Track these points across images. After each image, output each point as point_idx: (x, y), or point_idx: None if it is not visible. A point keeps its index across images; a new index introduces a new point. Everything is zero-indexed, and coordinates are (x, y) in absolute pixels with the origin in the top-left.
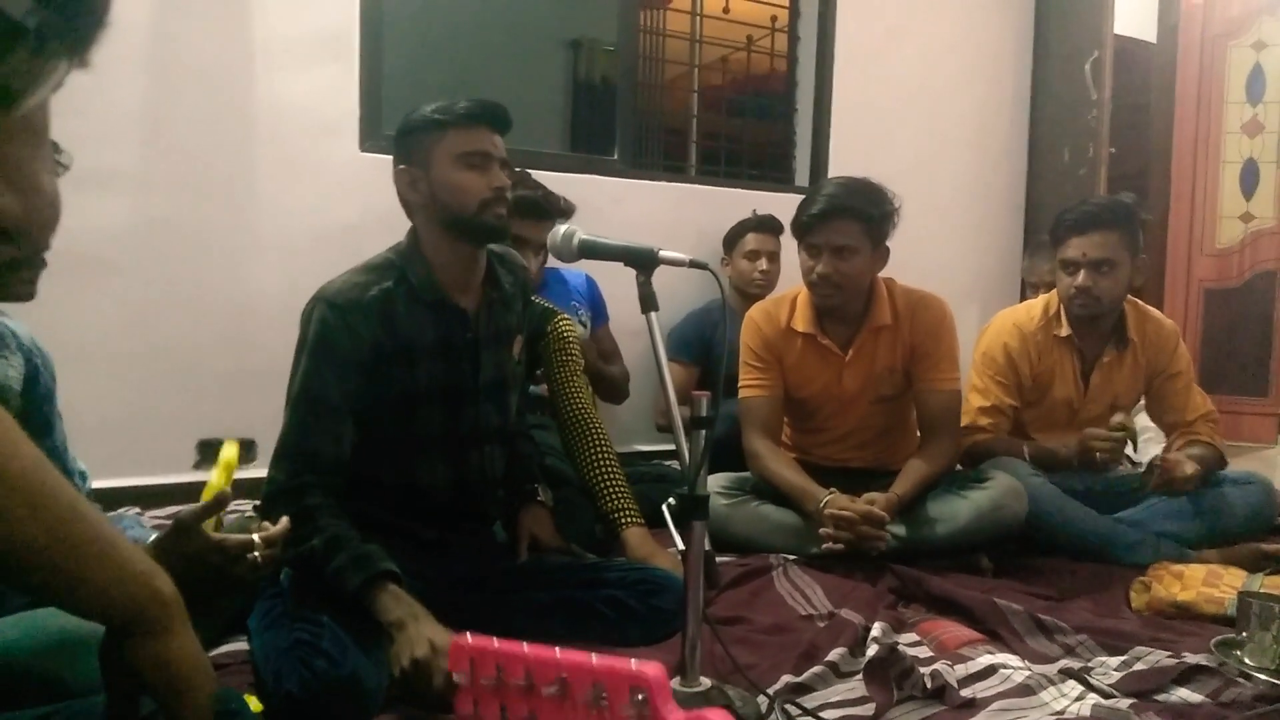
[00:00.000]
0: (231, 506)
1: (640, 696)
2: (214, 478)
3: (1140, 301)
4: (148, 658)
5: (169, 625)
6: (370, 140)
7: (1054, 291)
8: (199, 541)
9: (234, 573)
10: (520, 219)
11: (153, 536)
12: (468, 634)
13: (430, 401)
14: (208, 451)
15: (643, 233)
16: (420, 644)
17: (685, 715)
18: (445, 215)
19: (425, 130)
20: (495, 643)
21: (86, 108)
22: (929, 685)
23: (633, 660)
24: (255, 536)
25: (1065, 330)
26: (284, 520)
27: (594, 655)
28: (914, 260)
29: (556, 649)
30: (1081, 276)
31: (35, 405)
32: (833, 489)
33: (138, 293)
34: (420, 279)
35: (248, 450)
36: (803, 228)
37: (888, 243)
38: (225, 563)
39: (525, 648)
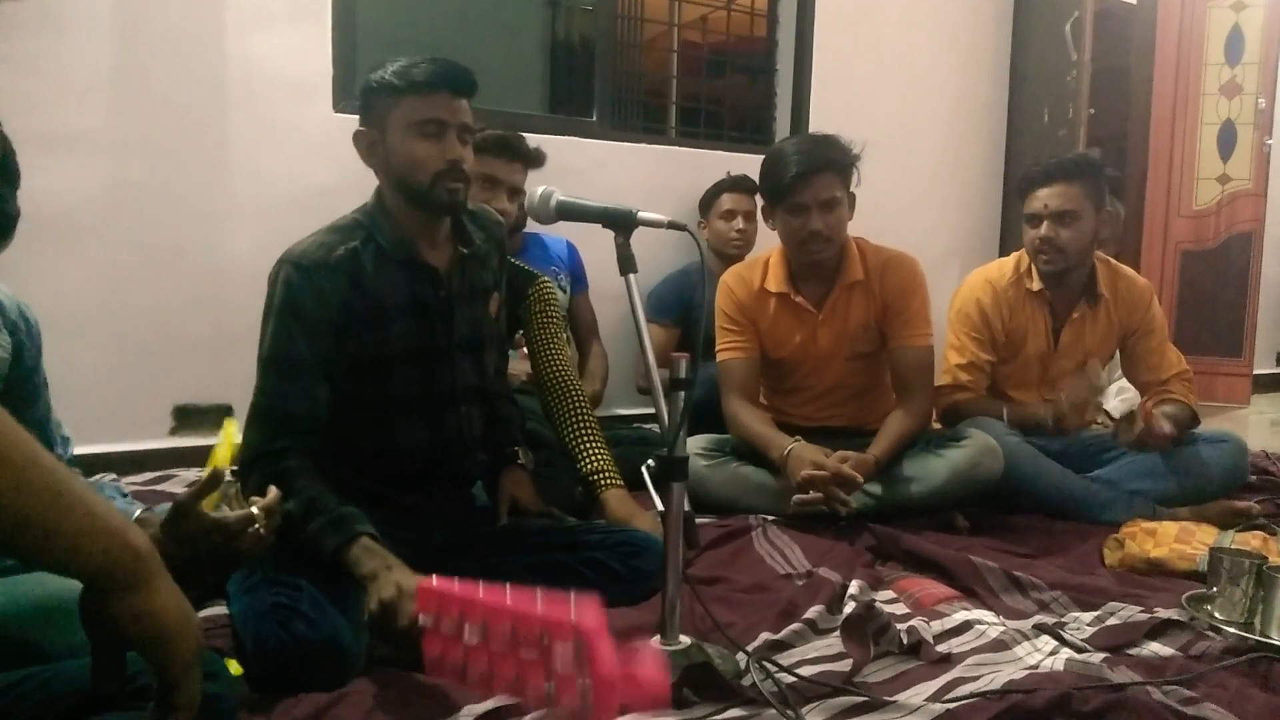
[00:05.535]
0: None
1: (580, 643)
2: (217, 454)
3: (1111, 259)
4: (127, 613)
5: (147, 579)
6: (344, 101)
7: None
8: (199, 522)
9: (237, 549)
10: (491, 156)
11: (138, 509)
12: (433, 577)
13: (405, 361)
14: (184, 417)
15: (622, 195)
16: (388, 587)
17: (620, 659)
18: (400, 184)
19: (382, 94)
20: (456, 586)
21: (56, 70)
22: (905, 641)
23: (572, 608)
24: (254, 509)
25: (1037, 285)
26: (273, 490)
27: (539, 599)
28: (893, 220)
29: (508, 591)
30: (1044, 227)
31: (21, 379)
32: (798, 437)
33: (111, 257)
34: (388, 238)
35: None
36: (784, 190)
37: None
38: (227, 540)
39: (481, 591)
